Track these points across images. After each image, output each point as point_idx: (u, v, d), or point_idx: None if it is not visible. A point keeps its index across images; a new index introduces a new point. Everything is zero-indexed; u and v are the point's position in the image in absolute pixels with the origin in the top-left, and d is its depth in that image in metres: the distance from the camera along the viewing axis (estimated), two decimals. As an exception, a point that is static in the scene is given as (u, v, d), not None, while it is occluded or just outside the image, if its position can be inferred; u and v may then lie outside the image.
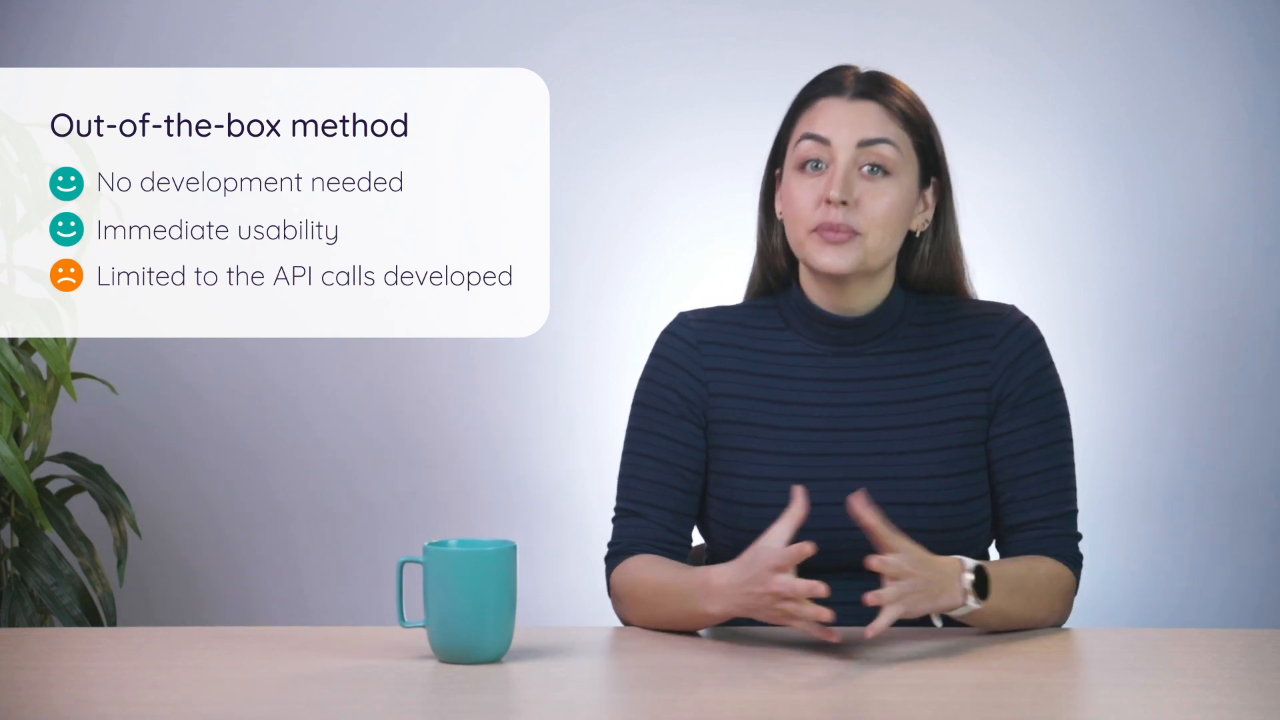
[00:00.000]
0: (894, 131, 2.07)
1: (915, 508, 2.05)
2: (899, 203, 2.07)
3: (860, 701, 1.70)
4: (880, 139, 2.06)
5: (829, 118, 2.07)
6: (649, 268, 3.37)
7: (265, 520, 3.41)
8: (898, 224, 2.08)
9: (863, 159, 2.06)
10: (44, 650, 1.93)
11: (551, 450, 3.39)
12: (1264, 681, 1.79)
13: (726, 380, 2.13)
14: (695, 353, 2.14)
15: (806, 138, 2.07)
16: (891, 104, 2.08)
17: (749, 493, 2.08)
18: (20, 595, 2.93)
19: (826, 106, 2.08)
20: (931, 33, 3.34)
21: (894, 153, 2.06)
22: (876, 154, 2.06)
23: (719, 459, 2.11)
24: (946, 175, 2.13)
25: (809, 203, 2.06)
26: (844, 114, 2.07)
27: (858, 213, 2.05)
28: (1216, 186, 3.35)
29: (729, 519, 2.10)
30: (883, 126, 2.07)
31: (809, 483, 2.06)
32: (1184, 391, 3.35)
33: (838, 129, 2.06)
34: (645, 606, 2.03)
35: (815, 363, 2.12)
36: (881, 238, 2.06)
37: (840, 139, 2.06)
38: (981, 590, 1.93)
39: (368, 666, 1.82)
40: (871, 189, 2.06)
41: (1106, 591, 3.30)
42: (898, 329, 2.13)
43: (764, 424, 2.10)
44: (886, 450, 2.08)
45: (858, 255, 2.06)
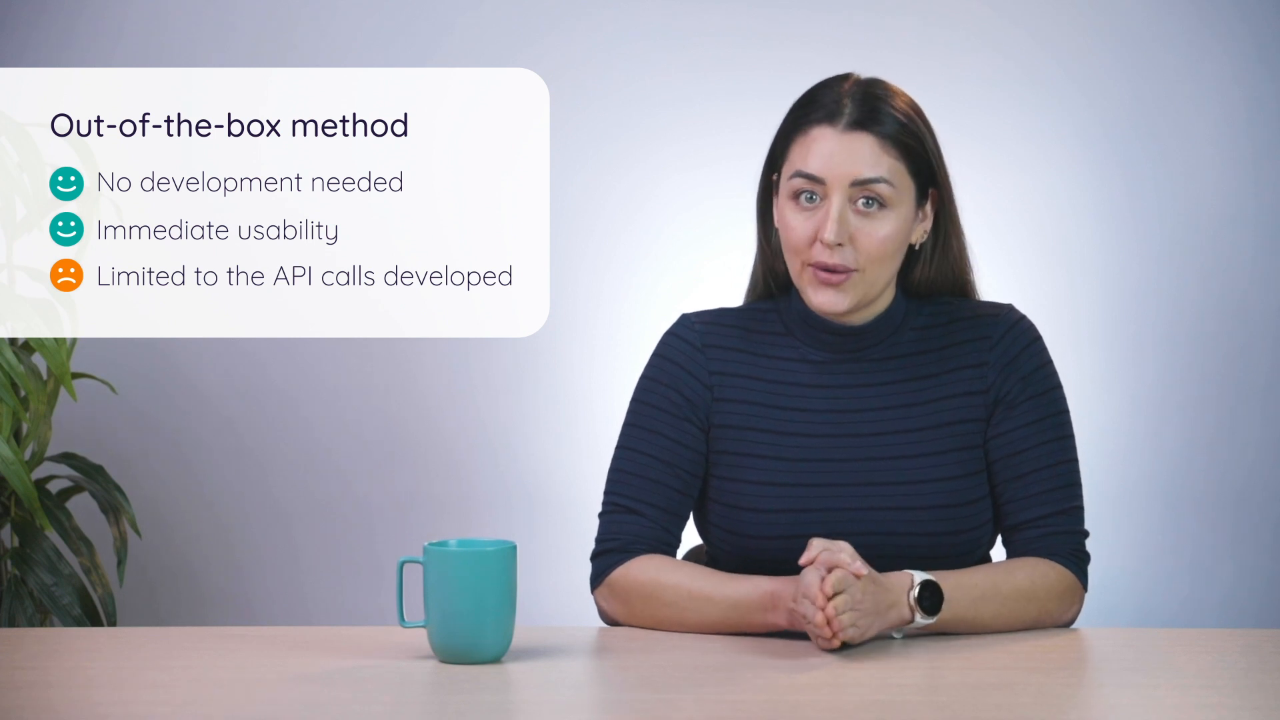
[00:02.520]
0: (888, 165, 2.03)
1: (917, 511, 2.05)
2: (895, 233, 2.05)
3: (860, 702, 1.70)
4: (874, 179, 2.03)
5: (821, 152, 2.03)
6: (649, 268, 3.37)
7: (265, 520, 3.41)
8: (895, 254, 2.06)
9: (857, 195, 2.03)
10: (44, 650, 1.93)
11: (551, 450, 3.39)
12: (1264, 681, 1.79)
13: (730, 385, 2.12)
14: (701, 355, 2.14)
15: (799, 175, 2.04)
16: (885, 133, 2.03)
17: (750, 498, 2.08)
18: (20, 595, 2.93)
19: (819, 138, 2.04)
20: (931, 32, 3.34)
21: (889, 189, 2.03)
22: (871, 191, 2.03)
23: (720, 464, 2.11)
24: (945, 183, 2.10)
25: (803, 238, 2.04)
26: (836, 148, 2.03)
27: (853, 250, 2.03)
28: (1216, 186, 3.35)
29: (729, 524, 2.09)
30: (876, 162, 2.03)
31: (810, 488, 2.06)
32: (1184, 391, 3.35)
33: (830, 167, 2.03)
34: (669, 609, 2.02)
35: (816, 369, 2.12)
36: (878, 271, 2.05)
37: (833, 177, 2.02)
38: (931, 604, 1.94)
39: (368, 666, 1.82)
40: (867, 225, 2.03)
41: (1107, 591, 3.30)
42: (898, 334, 2.12)
43: (766, 429, 2.10)
44: (888, 455, 2.08)
45: (855, 295, 2.05)
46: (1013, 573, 2.02)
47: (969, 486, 2.08)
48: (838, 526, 2.01)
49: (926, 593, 1.94)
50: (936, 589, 1.95)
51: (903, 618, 1.94)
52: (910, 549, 2.04)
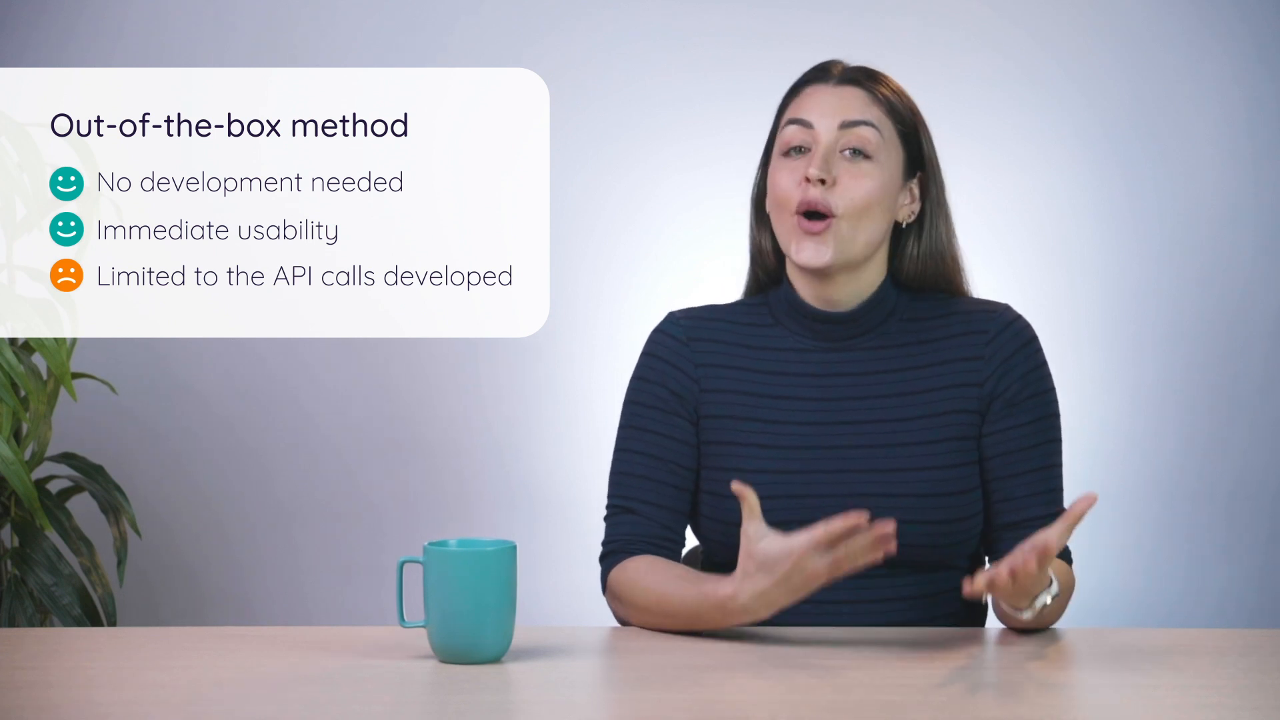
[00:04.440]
0: (876, 115, 2.10)
1: (907, 499, 2.06)
2: (879, 188, 2.08)
3: (860, 701, 1.70)
4: (861, 120, 2.09)
5: (813, 102, 2.11)
6: (649, 268, 3.38)
7: (266, 520, 3.41)
8: (877, 210, 2.08)
9: (844, 142, 2.08)
10: (44, 650, 1.93)
11: (551, 450, 3.39)
12: (1264, 681, 1.79)
13: (718, 376, 2.14)
14: (686, 349, 2.15)
15: (791, 122, 2.11)
16: (876, 90, 2.11)
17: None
18: (20, 595, 2.93)
19: (812, 92, 2.12)
20: (931, 32, 3.34)
21: (875, 135, 2.09)
22: (858, 136, 2.08)
23: (711, 454, 2.12)
24: (935, 170, 2.13)
25: (791, 184, 2.08)
26: (828, 98, 2.11)
27: (836, 193, 2.07)
28: (1216, 186, 3.35)
29: (721, 514, 2.10)
30: (865, 109, 2.10)
31: (802, 475, 2.07)
32: (1183, 391, 3.36)
33: (821, 112, 2.10)
34: (649, 614, 2.03)
35: (805, 358, 2.13)
36: (858, 223, 2.07)
37: (823, 122, 2.09)
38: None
39: (368, 666, 1.82)
40: (851, 170, 2.08)
41: (1105, 591, 3.30)
42: (888, 324, 2.13)
43: (756, 418, 2.11)
44: (878, 443, 2.08)
45: (837, 247, 2.07)
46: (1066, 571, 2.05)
47: (960, 477, 2.08)
48: (827, 514, 2.01)
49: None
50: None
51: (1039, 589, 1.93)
52: (900, 537, 2.03)
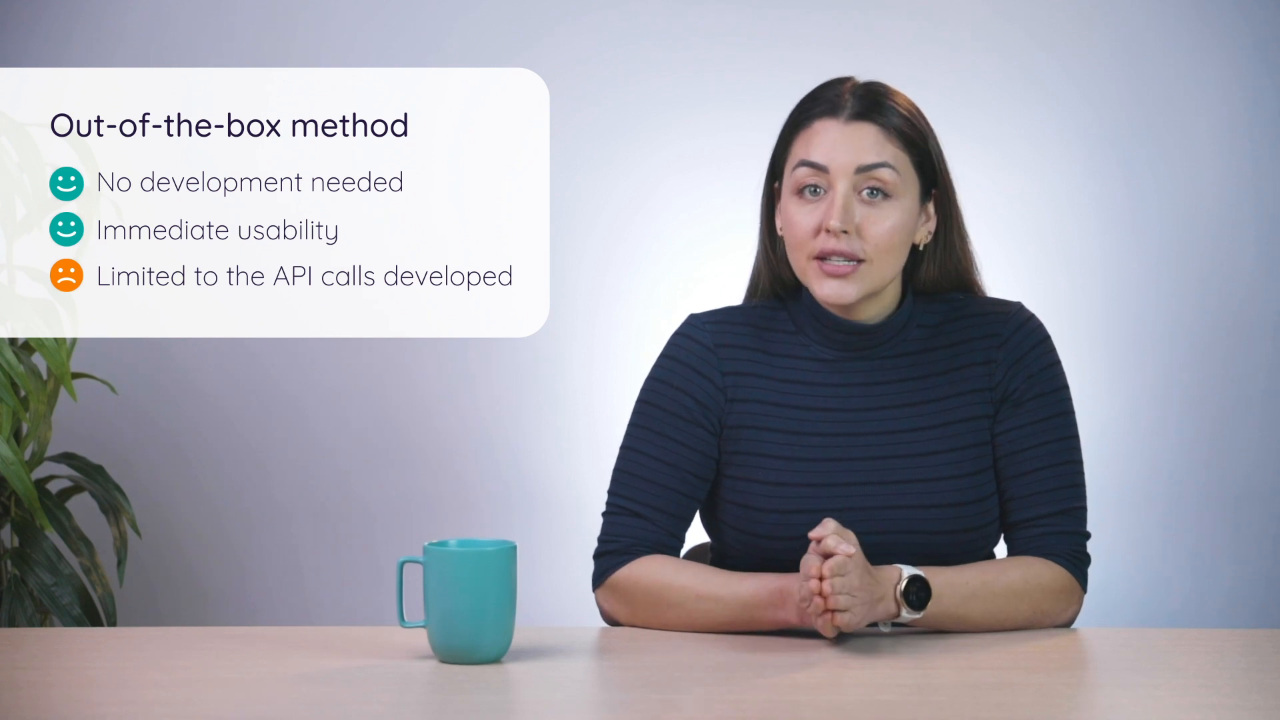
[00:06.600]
0: (892, 153, 2.04)
1: (928, 510, 2.05)
2: (901, 225, 2.04)
3: (860, 701, 1.70)
4: (878, 164, 2.03)
5: (825, 142, 2.04)
6: (649, 268, 3.37)
7: (266, 520, 3.41)
8: (901, 246, 2.05)
9: (861, 184, 2.03)
10: (44, 650, 1.93)
11: (551, 450, 3.39)
12: (1264, 681, 1.79)
13: (744, 385, 2.11)
14: (713, 356, 2.12)
15: (803, 164, 2.04)
16: (889, 124, 2.04)
17: (765, 498, 2.07)
18: (20, 595, 2.93)
19: (822, 130, 2.04)
20: (931, 32, 3.34)
21: (893, 175, 2.03)
22: (875, 178, 2.03)
23: (735, 464, 2.10)
24: (948, 184, 2.10)
25: (808, 230, 2.04)
26: (840, 138, 2.03)
27: (859, 239, 2.03)
28: (1216, 186, 3.35)
29: (744, 524, 2.09)
30: (880, 149, 2.03)
31: (824, 488, 2.06)
32: (1184, 391, 3.36)
33: (834, 155, 2.03)
34: (675, 610, 2.02)
35: (828, 367, 2.11)
36: (885, 262, 2.04)
37: (837, 165, 2.03)
38: (918, 599, 1.94)
39: (368, 666, 1.82)
40: (872, 214, 2.03)
41: (1107, 591, 3.30)
42: (906, 331, 2.12)
43: (780, 429, 2.09)
44: (899, 453, 2.07)
45: (861, 285, 2.04)
46: (1006, 571, 2.02)
47: (979, 484, 2.07)
48: (851, 526, 2.00)
49: (914, 587, 1.94)
50: (925, 584, 1.95)
51: (889, 611, 1.94)
52: (923, 547, 2.03)
